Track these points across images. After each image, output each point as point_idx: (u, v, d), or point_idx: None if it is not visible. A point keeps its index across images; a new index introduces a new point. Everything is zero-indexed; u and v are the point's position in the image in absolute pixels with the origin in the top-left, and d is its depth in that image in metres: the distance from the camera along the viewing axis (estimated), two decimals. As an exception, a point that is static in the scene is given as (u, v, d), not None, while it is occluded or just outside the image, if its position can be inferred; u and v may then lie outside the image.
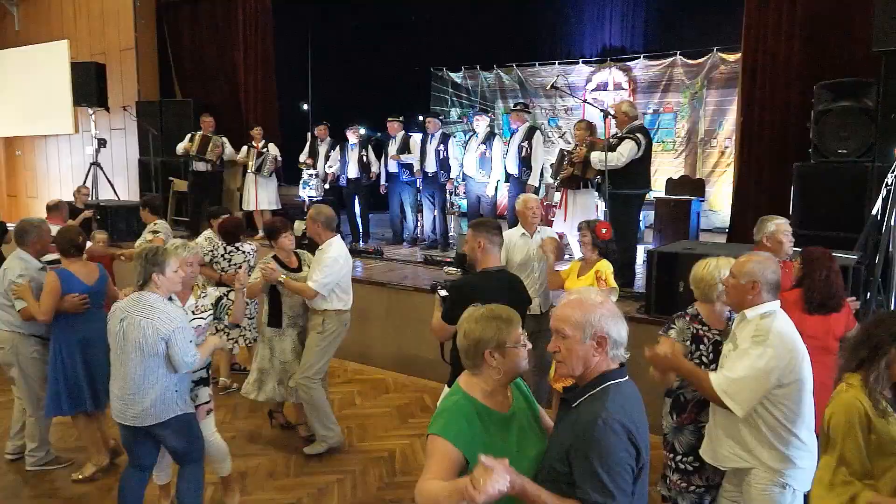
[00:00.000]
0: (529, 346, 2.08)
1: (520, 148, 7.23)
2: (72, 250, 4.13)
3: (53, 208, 6.18)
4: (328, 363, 4.60)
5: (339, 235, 4.54)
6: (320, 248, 4.45)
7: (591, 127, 6.64)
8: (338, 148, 8.76)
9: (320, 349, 4.47)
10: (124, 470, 3.51)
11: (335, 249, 4.41)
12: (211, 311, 3.72)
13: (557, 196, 8.01)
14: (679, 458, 3.02)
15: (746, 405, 2.55)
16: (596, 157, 5.68)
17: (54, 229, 5.73)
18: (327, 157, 8.79)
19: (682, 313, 3.06)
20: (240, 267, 5.27)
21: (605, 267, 4.21)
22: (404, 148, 8.22)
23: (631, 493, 1.83)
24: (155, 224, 5.88)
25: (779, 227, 3.87)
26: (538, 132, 7.48)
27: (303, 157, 9.02)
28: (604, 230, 4.23)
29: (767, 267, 2.68)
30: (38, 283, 4.09)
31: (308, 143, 9.14)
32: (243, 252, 5.43)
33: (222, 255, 5.34)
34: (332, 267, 4.33)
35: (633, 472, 1.82)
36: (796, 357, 2.58)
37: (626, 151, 5.61)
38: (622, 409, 1.84)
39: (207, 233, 5.64)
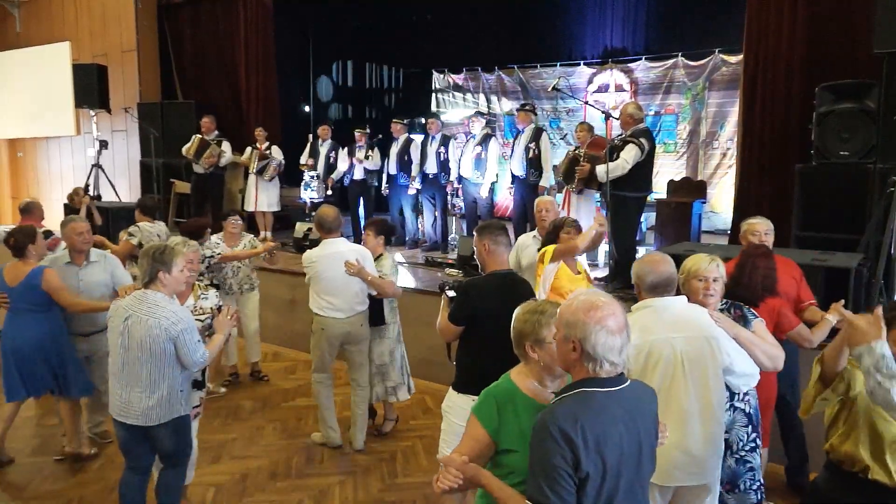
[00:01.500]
0: None
1: (527, 149, 7.22)
2: (10, 249, 4.31)
3: (25, 210, 6.08)
4: (324, 364, 4.62)
5: (335, 237, 4.51)
6: None
7: (592, 129, 6.65)
8: (346, 149, 8.76)
9: (311, 346, 4.64)
10: (123, 474, 3.48)
11: (314, 250, 4.55)
12: (209, 316, 3.70)
13: (559, 197, 8.03)
14: None
15: None
16: (601, 170, 5.66)
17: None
18: (328, 158, 8.78)
19: None
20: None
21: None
22: (404, 151, 8.23)
23: (576, 499, 1.80)
24: (135, 226, 5.85)
25: (749, 227, 3.94)
26: (545, 133, 7.47)
27: (303, 159, 9.01)
28: None
29: (648, 269, 2.77)
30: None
31: (309, 144, 9.13)
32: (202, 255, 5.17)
33: None
34: (306, 264, 4.51)
35: (572, 480, 1.78)
36: (637, 347, 2.64)
37: (631, 158, 5.61)
38: (572, 415, 1.80)
39: (217, 236, 5.69)
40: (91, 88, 9.93)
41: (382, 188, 8.64)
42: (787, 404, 3.81)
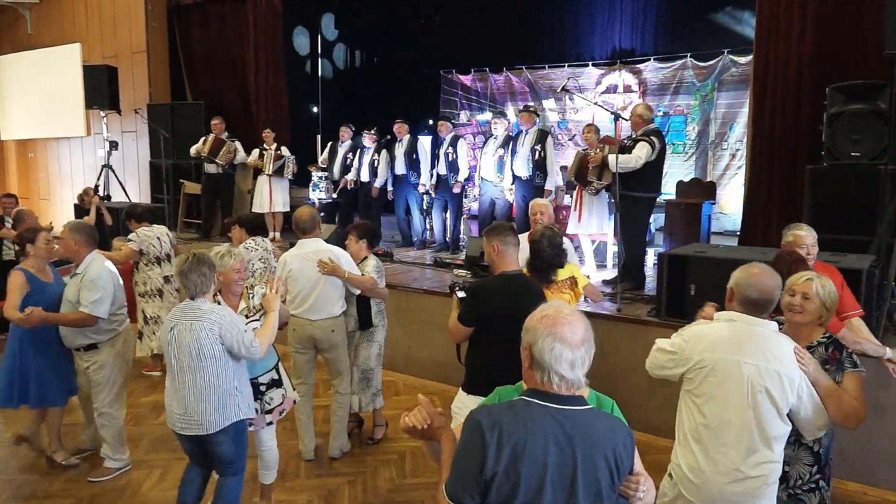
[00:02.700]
0: None
1: (532, 151, 7.22)
2: None
3: (15, 220, 6.03)
4: (298, 367, 4.56)
5: (311, 238, 4.44)
6: None
7: (599, 131, 6.64)
8: (358, 152, 8.77)
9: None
10: (188, 465, 3.53)
11: (289, 251, 4.52)
12: (263, 311, 3.70)
13: (567, 199, 8.01)
14: None
15: (648, 364, 2.83)
16: (612, 161, 5.65)
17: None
18: (345, 160, 8.80)
19: None
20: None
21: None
22: (412, 151, 8.23)
23: (479, 502, 1.75)
24: (133, 233, 5.90)
25: (795, 238, 3.63)
26: (550, 136, 7.46)
27: (320, 159, 9.04)
28: None
29: (751, 282, 2.59)
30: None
31: (328, 145, 9.15)
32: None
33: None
34: (280, 267, 4.45)
35: (476, 479, 1.73)
36: (700, 361, 2.58)
37: (643, 154, 5.59)
38: (496, 417, 1.77)
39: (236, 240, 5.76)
40: (101, 89, 10.01)
41: (388, 193, 8.61)
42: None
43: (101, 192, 9.29)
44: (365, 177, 8.63)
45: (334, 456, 4.61)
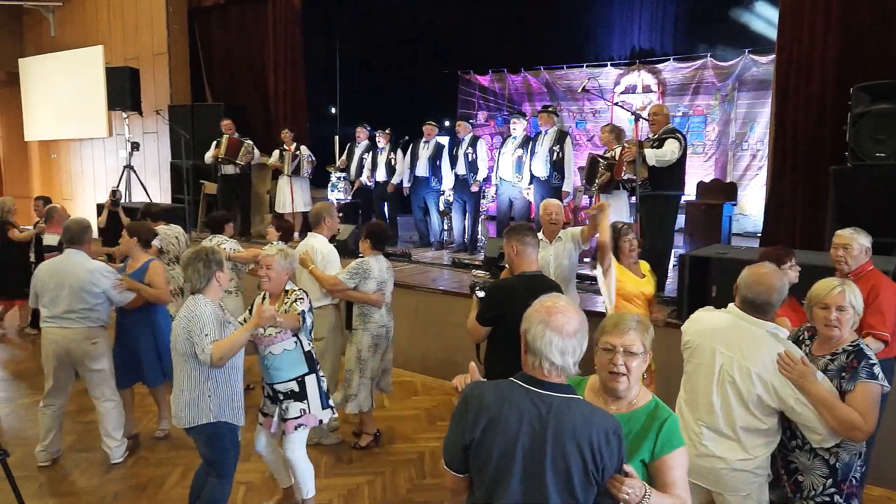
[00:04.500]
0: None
1: (551, 152, 7.19)
2: None
3: (46, 216, 6.42)
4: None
5: (314, 233, 4.80)
6: None
7: (615, 130, 6.59)
8: (371, 152, 8.80)
9: None
10: (199, 465, 3.57)
11: None
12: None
13: (585, 200, 7.98)
14: None
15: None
16: (651, 153, 5.57)
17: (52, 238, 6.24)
18: (361, 160, 8.83)
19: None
20: None
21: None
22: (436, 156, 8.23)
23: (465, 467, 1.95)
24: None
25: (837, 239, 3.59)
26: (569, 137, 7.43)
27: (339, 160, 9.09)
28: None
29: (751, 282, 2.68)
30: None
31: (346, 146, 9.19)
32: None
33: None
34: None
35: (459, 445, 1.92)
36: (688, 342, 2.79)
37: (675, 149, 5.55)
38: (481, 392, 1.94)
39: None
40: (123, 91, 10.14)
41: (404, 190, 8.63)
42: None
43: (119, 197, 9.35)
44: (380, 176, 8.65)
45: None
